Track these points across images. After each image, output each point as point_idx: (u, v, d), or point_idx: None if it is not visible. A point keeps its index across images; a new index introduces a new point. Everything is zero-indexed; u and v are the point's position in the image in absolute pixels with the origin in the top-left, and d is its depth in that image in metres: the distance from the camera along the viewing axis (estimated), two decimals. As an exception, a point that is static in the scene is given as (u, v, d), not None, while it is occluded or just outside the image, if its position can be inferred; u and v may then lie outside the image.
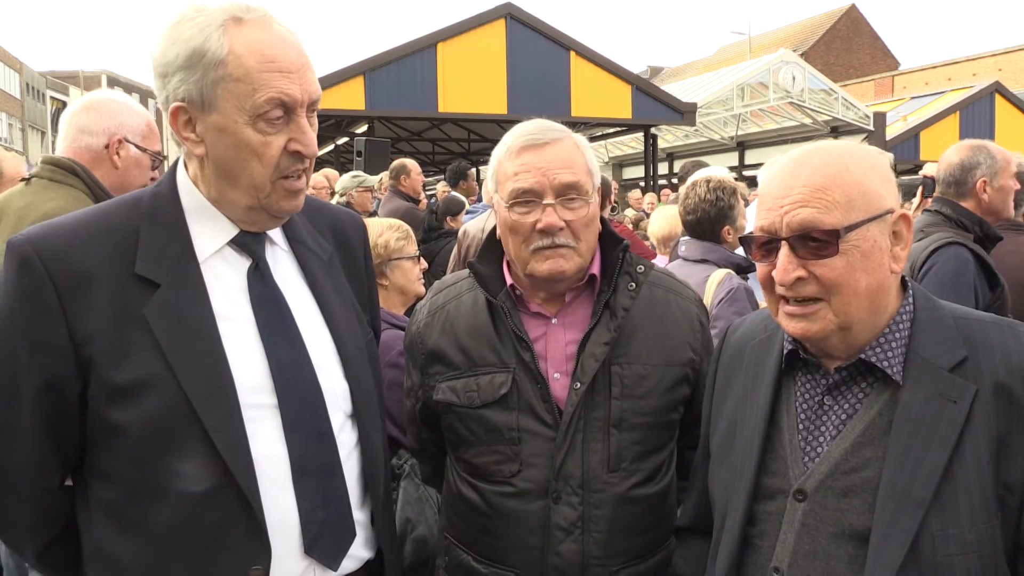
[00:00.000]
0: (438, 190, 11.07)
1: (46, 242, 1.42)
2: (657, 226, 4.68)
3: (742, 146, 24.87)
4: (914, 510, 1.28)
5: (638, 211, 11.74)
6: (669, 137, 24.47)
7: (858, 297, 1.36)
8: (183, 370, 1.40)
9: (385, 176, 8.46)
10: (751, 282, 3.49)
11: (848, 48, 51.25)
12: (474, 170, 8.55)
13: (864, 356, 1.40)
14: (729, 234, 3.60)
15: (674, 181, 18.53)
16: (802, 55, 33.93)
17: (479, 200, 7.93)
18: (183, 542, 1.41)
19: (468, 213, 7.15)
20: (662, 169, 24.04)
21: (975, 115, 23.28)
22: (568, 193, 1.80)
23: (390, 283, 3.01)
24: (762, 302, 3.39)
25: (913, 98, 29.02)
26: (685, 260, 3.63)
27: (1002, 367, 1.33)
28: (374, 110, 16.23)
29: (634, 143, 24.18)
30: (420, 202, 8.05)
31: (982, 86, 24.53)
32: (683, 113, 19.05)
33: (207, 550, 1.41)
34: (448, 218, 7.44)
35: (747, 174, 20.59)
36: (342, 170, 10.72)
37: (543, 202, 1.79)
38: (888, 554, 1.28)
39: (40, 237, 1.42)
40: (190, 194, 1.53)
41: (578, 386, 1.80)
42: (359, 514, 1.60)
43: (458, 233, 7.04)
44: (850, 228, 1.34)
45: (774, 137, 23.70)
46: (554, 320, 1.89)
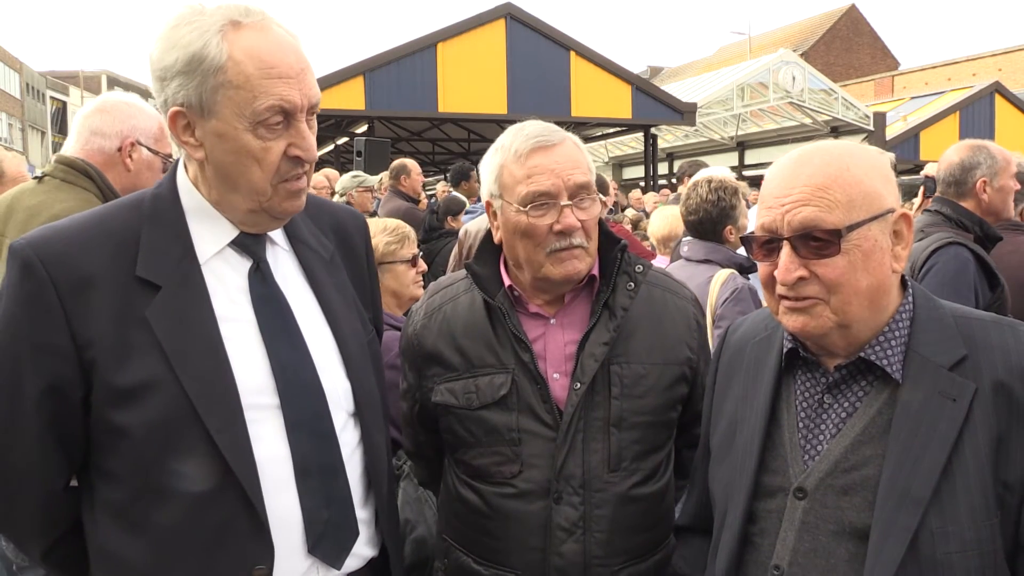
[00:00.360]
0: (438, 190, 11.08)
1: (47, 246, 1.42)
2: (657, 226, 4.67)
3: (742, 146, 24.87)
4: (914, 508, 1.28)
5: (638, 211, 11.73)
6: (669, 137, 24.46)
7: (858, 296, 1.37)
8: (185, 372, 1.40)
9: (385, 176, 8.46)
10: (753, 282, 3.50)
11: (848, 48, 51.23)
12: (476, 171, 8.54)
13: (864, 354, 1.40)
14: (731, 234, 3.59)
15: (673, 181, 18.53)
16: (802, 55, 33.91)
17: (479, 200, 7.92)
18: (187, 542, 1.41)
19: (468, 213, 7.15)
20: (662, 169, 24.03)
21: (975, 115, 23.28)
22: (580, 193, 1.81)
23: (383, 286, 2.98)
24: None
25: (913, 98, 29.03)
26: (688, 260, 3.62)
27: (1002, 366, 1.33)
28: (374, 110, 16.24)
29: (634, 143, 24.17)
30: (420, 202, 8.05)
31: (982, 86, 24.53)
32: (683, 113, 19.06)
33: (210, 550, 1.42)
34: (448, 218, 7.45)
35: (747, 174, 20.60)
36: (342, 170, 10.72)
37: (560, 203, 1.78)
38: (888, 552, 1.28)
39: (41, 241, 1.43)
40: (190, 196, 1.53)
41: (578, 386, 1.80)
42: (362, 512, 1.60)
43: (458, 233, 7.09)
44: (851, 227, 1.34)
45: (774, 137, 23.70)
46: (552, 320, 1.89)
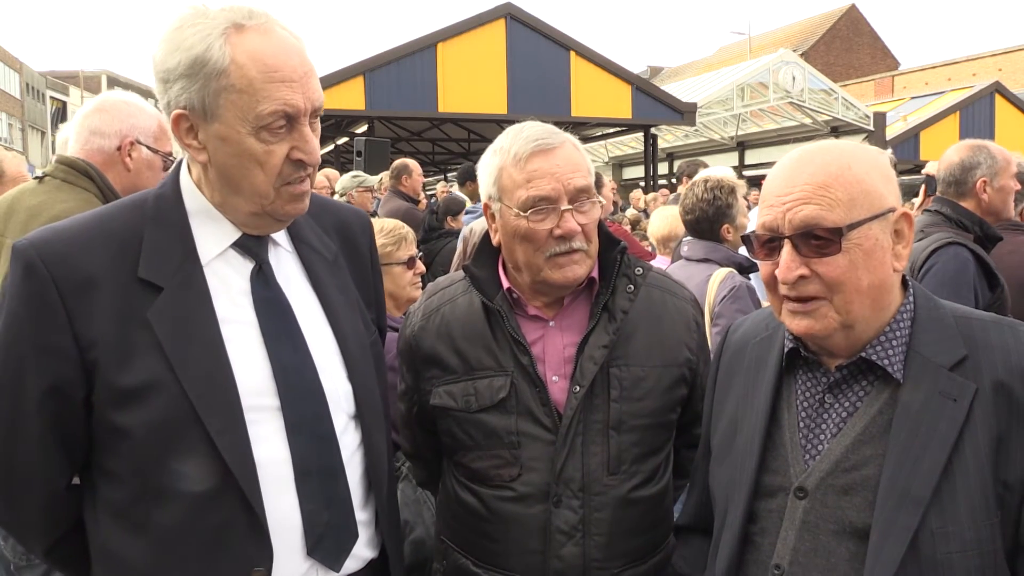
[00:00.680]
0: (438, 190, 11.09)
1: (49, 246, 1.41)
2: (656, 227, 4.69)
3: (742, 146, 24.87)
4: (914, 508, 1.28)
5: (638, 211, 11.73)
6: (669, 137, 24.46)
7: (860, 295, 1.37)
8: (186, 373, 1.40)
9: (385, 176, 8.46)
10: (753, 282, 3.50)
11: (848, 48, 51.24)
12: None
13: (865, 354, 1.40)
14: (729, 232, 3.60)
15: (673, 181, 18.53)
16: (802, 55, 33.92)
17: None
18: (186, 543, 1.41)
19: (469, 213, 7.15)
20: (662, 169, 24.03)
21: (975, 115, 23.28)
22: (580, 197, 1.79)
23: None
24: (764, 301, 3.41)
25: (913, 98, 29.03)
26: (688, 260, 3.63)
27: (1002, 366, 1.33)
28: (374, 110, 16.23)
29: (634, 143, 24.17)
30: (420, 202, 8.05)
31: (982, 86, 24.53)
32: (683, 113, 19.05)
33: (210, 551, 1.42)
34: (448, 218, 7.45)
35: (747, 174, 20.59)
36: (342, 170, 10.72)
37: (560, 208, 1.77)
38: (888, 551, 1.28)
39: (43, 242, 1.42)
40: (193, 197, 1.52)
41: (577, 389, 1.79)
42: (362, 514, 1.60)
43: (458, 232, 7.08)
44: (852, 226, 1.34)
45: (774, 137, 23.70)
46: (551, 323, 1.88)
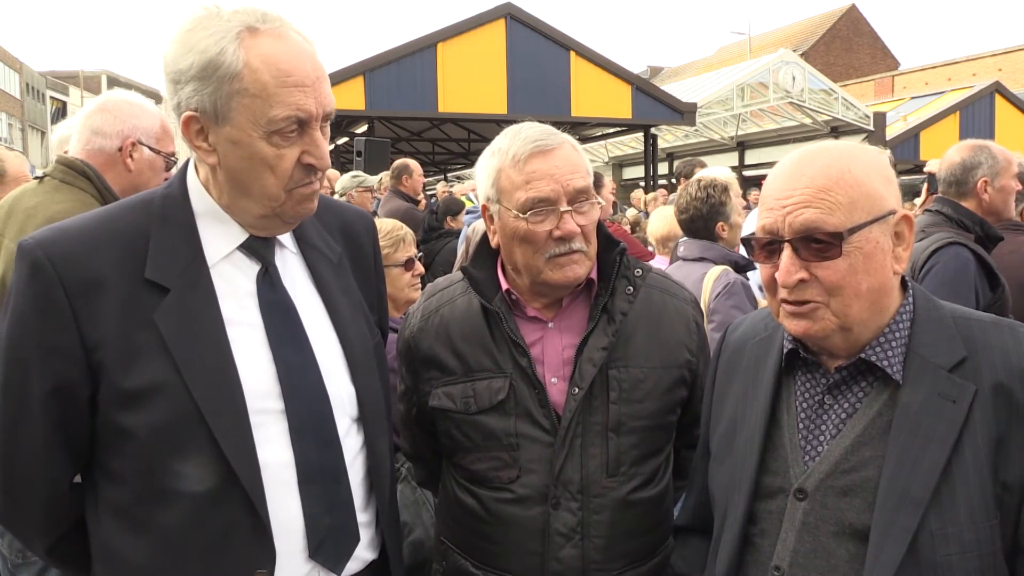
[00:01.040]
0: (438, 190, 11.08)
1: (57, 247, 1.41)
2: (655, 227, 4.73)
3: (742, 146, 24.87)
4: (913, 509, 1.29)
5: (639, 212, 11.73)
6: (669, 137, 24.44)
7: (859, 299, 1.37)
8: (192, 376, 1.40)
9: (385, 176, 8.45)
10: (750, 279, 3.52)
11: (848, 48, 51.22)
12: (464, 199, 8.28)
13: (864, 355, 1.40)
14: (724, 230, 3.63)
15: (672, 182, 18.53)
16: (802, 55, 33.90)
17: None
18: (189, 544, 1.41)
19: (470, 213, 7.15)
20: (662, 169, 24.00)
21: (975, 115, 23.26)
22: (580, 198, 1.79)
23: None
24: (762, 300, 3.42)
25: (913, 98, 29.02)
26: (684, 260, 3.66)
27: (1001, 367, 1.33)
28: (374, 110, 16.22)
29: (634, 143, 24.15)
30: (420, 202, 8.04)
31: (982, 86, 24.51)
32: (683, 113, 19.03)
33: (213, 553, 1.42)
34: (448, 218, 7.45)
35: (747, 174, 20.60)
36: (342, 170, 10.71)
37: (560, 209, 1.77)
38: (887, 553, 1.29)
39: (50, 242, 1.42)
40: (201, 198, 1.52)
41: (576, 391, 1.79)
42: (363, 516, 1.60)
43: (458, 233, 7.08)
44: (853, 230, 1.34)
45: (774, 137, 23.69)
46: (550, 324, 1.88)
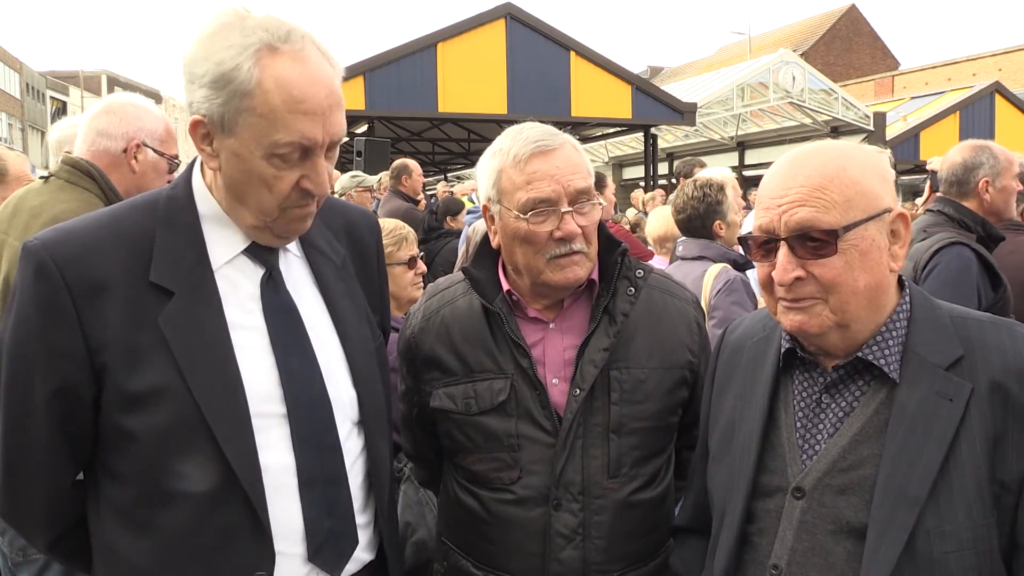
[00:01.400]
0: (438, 190, 11.08)
1: (62, 248, 1.41)
2: (653, 227, 4.75)
3: (742, 146, 24.86)
4: (910, 507, 1.29)
5: (639, 212, 11.72)
6: (669, 137, 24.44)
7: (856, 296, 1.37)
8: (195, 380, 1.40)
9: (385, 176, 8.44)
10: (749, 277, 3.53)
11: (848, 48, 51.23)
12: (464, 199, 8.28)
13: (862, 354, 1.40)
14: (721, 228, 3.65)
15: (672, 181, 18.52)
16: (802, 55, 33.89)
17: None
18: (189, 546, 1.42)
19: (471, 213, 7.15)
20: (662, 169, 24.00)
21: (975, 115, 23.26)
22: (581, 199, 1.78)
23: None
24: (760, 299, 3.42)
25: (913, 98, 29.02)
26: (683, 260, 3.67)
27: (998, 366, 1.34)
28: (374, 110, 16.22)
29: (634, 143, 24.15)
30: (419, 202, 8.04)
31: (982, 86, 24.51)
32: (683, 113, 19.02)
33: (213, 555, 1.42)
34: (448, 218, 7.45)
35: (747, 174, 20.59)
36: (342, 170, 10.70)
37: (561, 210, 1.76)
38: (884, 551, 1.29)
39: (55, 243, 1.42)
40: (206, 201, 1.52)
41: (577, 392, 1.79)
42: (361, 518, 1.60)
43: (458, 233, 7.08)
44: (848, 228, 1.35)
45: (774, 137, 23.68)
46: (551, 325, 1.88)
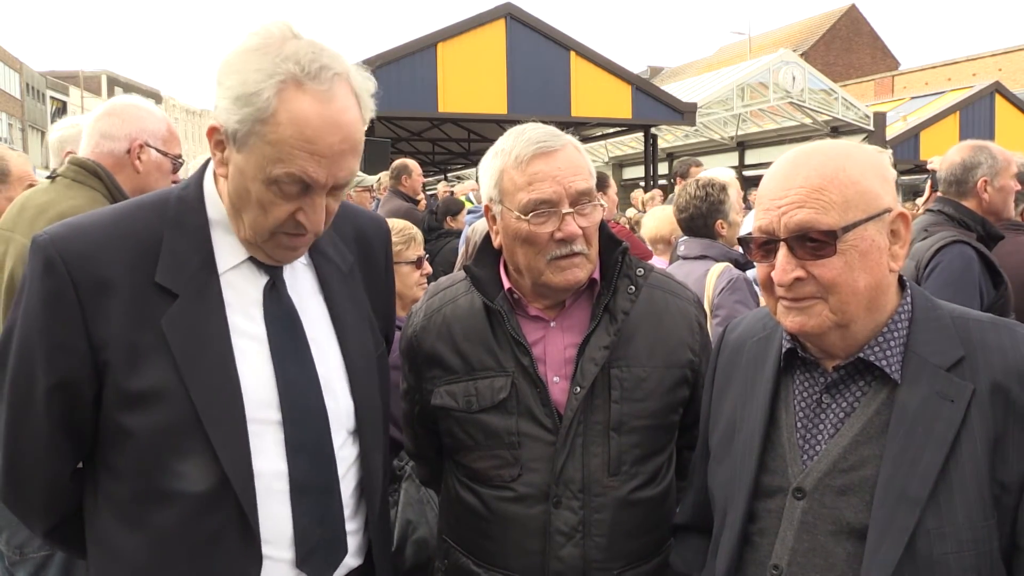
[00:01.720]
0: (439, 190, 11.06)
1: (70, 245, 1.42)
2: (648, 227, 4.76)
3: (742, 146, 24.84)
4: (911, 508, 1.29)
5: (638, 212, 11.72)
6: (669, 137, 24.42)
7: (856, 296, 1.37)
8: (194, 383, 1.41)
9: (384, 176, 8.44)
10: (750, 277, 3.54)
11: (848, 48, 51.24)
12: (463, 199, 8.29)
13: (863, 355, 1.40)
14: (723, 228, 3.66)
15: (671, 181, 18.49)
16: (802, 55, 33.89)
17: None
18: (180, 545, 1.43)
19: (471, 213, 7.14)
20: (662, 169, 23.97)
21: (975, 115, 23.24)
22: (582, 200, 1.79)
23: None
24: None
25: (913, 98, 28.99)
26: (685, 259, 3.68)
27: (999, 367, 1.33)
28: (374, 110, 16.19)
29: (634, 143, 24.13)
30: (419, 202, 8.04)
31: (982, 86, 24.49)
32: (683, 113, 19.01)
33: (202, 555, 1.44)
34: (448, 218, 7.45)
35: (747, 174, 20.57)
36: (342, 170, 10.66)
37: (562, 211, 1.77)
38: (885, 551, 1.29)
39: (64, 239, 1.43)
40: (215, 206, 1.53)
41: (578, 390, 1.79)
42: (351, 525, 1.61)
43: (457, 233, 7.07)
44: (848, 228, 1.35)
45: (774, 137, 23.67)
46: (552, 323, 1.88)
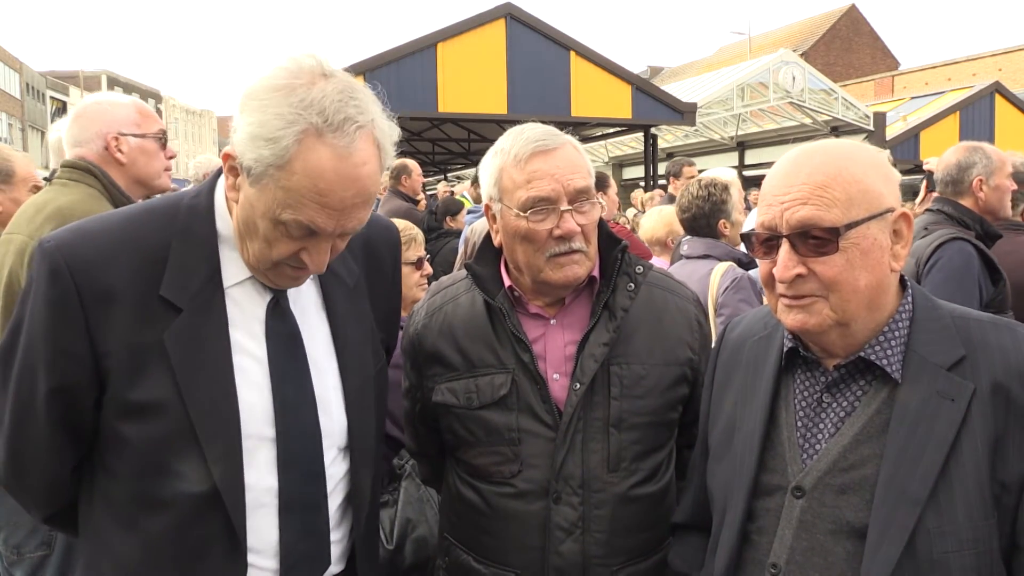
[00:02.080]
0: (439, 190, 11.08)
1: (76, 252, 1.42)
2: (644, 228, 4.76)
3: (742, 146, 24.84)
4: (911, 507, 1.29)
5: (638, 211, 11.73)
6: (669, 137, 24.43)
7: (857, 295, 1.37)
8: (193, 399, 1.42)
9: (384, 176, 8.43)
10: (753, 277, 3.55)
11: (848, 48, 51.29)
12: (461, 198, 8.30)
13: (863, 354, 1.40)
14: (725, 227, 3.67)
15: (664, 182, 18.49)
16: (802, 55, 33.92)
17: (480, 201, 7.83)
18: (168, 550, 1.45)
19: (471, 213, 7.15)
20: (662, 169, 23.93)
21: (975, 115, 23.24)
22: (580, 198, 1.80)
23: None
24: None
25: (913, 98, 28.98)
26: (688, 258, 3.68)
27: (1000, 367, 1.34)
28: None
29: (634, 143, 24.13)
30: (419, 202, 8.04)
31: (982, 86, 24.47)
32: (683, 113, 19.00)
33: (188, 563, 1.46)
34: (447, 218, 7.45)
35: (747, 174, 20.58)
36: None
37: (560, 208, 1.78)
38: (885, 551, 1.29)
39: (71, 247, 1.43)
40: (224, 220, 1.52)
41: (577, 387, 1.80)
42: (335, 535, 1.62)
43: (457, 233, 7.08)
44: (850, 226, 1.35)
45: (774, 137, 23.67)
46: (552, 321, 1.89)
